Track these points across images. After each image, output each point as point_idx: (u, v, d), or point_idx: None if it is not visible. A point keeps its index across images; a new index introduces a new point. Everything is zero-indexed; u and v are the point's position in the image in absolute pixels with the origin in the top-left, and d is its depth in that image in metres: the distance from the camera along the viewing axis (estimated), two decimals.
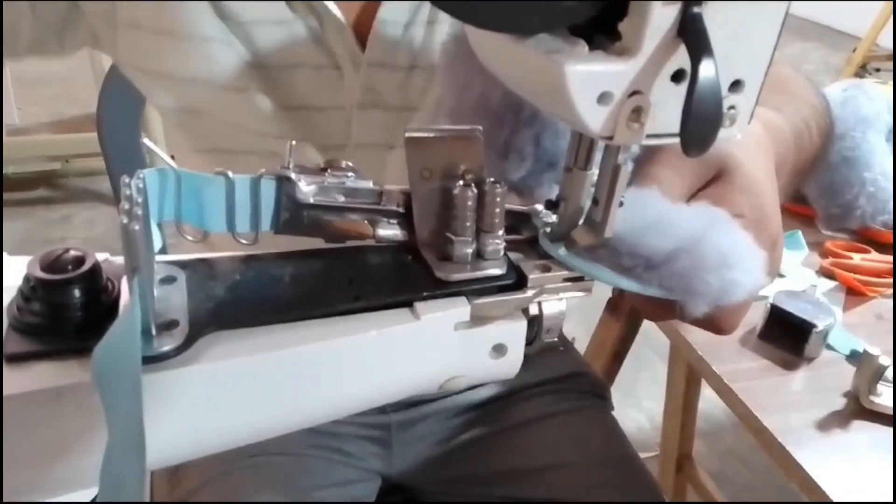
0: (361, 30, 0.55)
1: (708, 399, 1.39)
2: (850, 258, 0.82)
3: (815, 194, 0.87)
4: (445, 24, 0.55)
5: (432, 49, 0.56)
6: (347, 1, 0.55)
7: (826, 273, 0.81)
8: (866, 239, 0.86)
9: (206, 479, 0.68)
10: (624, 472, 0.73)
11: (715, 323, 0.37)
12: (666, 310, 0.35)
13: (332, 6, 0.54)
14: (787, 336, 0.69)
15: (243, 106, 0.57)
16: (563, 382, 0.80)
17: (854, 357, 0.68)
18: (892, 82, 1.10)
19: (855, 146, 0.83)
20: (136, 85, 0.61)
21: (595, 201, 0.34)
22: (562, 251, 0.35)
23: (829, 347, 0.70)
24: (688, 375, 1.26)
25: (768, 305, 0.70)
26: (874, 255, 0.83)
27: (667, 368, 1.33)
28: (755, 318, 0.72)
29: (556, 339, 0.37)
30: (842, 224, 0.86)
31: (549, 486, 0.70)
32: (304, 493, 0.68)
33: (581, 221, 0.35)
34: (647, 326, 1.16)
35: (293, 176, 0.34)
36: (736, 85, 0.29)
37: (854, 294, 0.78)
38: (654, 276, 0.33)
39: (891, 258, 0.82)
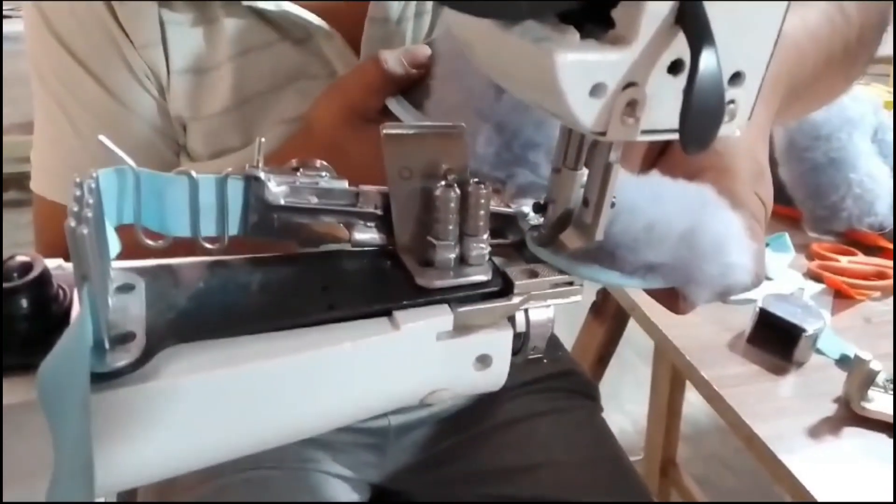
0: (351, 33, 0.56)
1: (691, 403, 1.38)
2: (837, 261, 0.81)
3: (802, 196, 0.87)
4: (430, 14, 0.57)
5: (421, 40, 0.57)
6: (334, 1, 0.55)
7: (813, 276, 0.80)
8: (852, 241, 0.85)
9: (198, 494, 0.66)
10: (614, 472, 0.73)
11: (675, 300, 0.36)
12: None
13: (314, 17, 0.54)
14: (775, 340, 0.67)
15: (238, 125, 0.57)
16: (553, 381, 0.80)
17: (844, 362, 0.67)
18: (875, 84, 1.09)
19: (841, 147, 0.83)
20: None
21: (585, 202, 0.32)
22: (555, 254, 0.33)
23: (819, 352, 0.68)
24: (672, 379, 1.25)
25: (757, 309, 0.68)
26: (861, 257, 0.82)
27: (650, 372, 1.32)
28: (744, 322, 0.70)
29: (541, 355, 0.35)
30: (828, 226, 0.85)
31: (539, 485, 0.70)
32: None
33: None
34: (631, 330, 1.15)
35: (262, 175, 0.32)
36: (736, 77, 0.27)
37: (842, 297, 0.77)
38: (656, 275, 0.33)
39: (878, 260, 0.81)
